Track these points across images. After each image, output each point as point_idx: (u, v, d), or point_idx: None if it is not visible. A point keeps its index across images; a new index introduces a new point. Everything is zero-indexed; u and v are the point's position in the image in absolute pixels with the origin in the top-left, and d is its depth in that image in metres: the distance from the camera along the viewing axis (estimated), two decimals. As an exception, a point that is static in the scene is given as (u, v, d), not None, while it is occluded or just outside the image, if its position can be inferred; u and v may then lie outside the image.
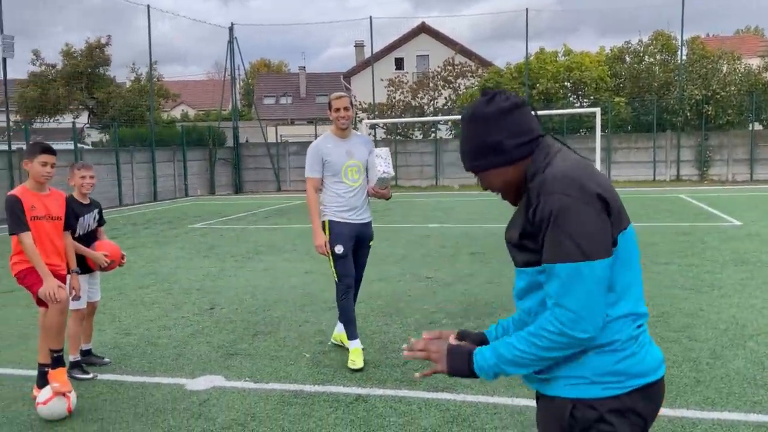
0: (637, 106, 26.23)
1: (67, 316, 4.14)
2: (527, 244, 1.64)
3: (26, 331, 5.94)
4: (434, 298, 6.78)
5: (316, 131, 28.09)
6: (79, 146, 20.77)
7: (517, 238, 1.66)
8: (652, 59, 27.72)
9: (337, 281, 4.79)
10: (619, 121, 25.91)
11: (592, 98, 26.69)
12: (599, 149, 14.61)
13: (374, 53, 31.19)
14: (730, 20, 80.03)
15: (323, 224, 4.78)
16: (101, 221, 4.99)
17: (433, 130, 27.91)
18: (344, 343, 4.98)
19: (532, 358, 1.60)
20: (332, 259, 4.75)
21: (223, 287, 7.68)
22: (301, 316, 6.23)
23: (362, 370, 4.61)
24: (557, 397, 1.64)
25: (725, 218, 12.67)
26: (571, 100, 27.96)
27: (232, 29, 27.70)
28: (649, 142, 25.04)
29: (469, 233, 11.67)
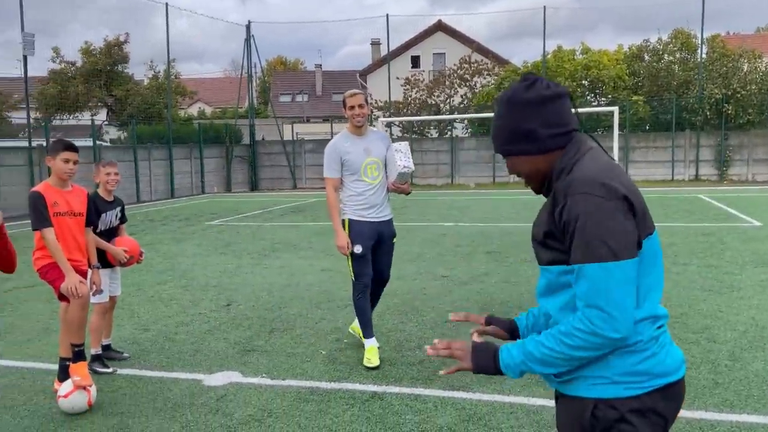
0: (655, 105, 25.97)
1: (88, 310, 4.20)
2: (551, 243, 1.64)
3: (47, 325, 6.04)
4: (450, 296, 6.78)
5: (332, 129, 28.17)
6: (97, 143, 20.99)
7: (542, 236, 1.66)
8: (671, 57, 27.43)
9: (353, 280, 4.79)
10: (637, 120, 25.67)
11: (609, 97, 26.48)
12: (617, 148, 14.54)
13: (390, 51, 31.17)
14: (750, 18, 79.29)
15: (342, 223, 4.77)
16: (123, 219, 5.06)
17: (449, 128, 27.86)
18: (361, 336, 4.98)
19: (561, 357, 1.58)
20: (350, 258, 4.74)
21: (239, 284, 7.73)
22: (317, 313, 6.26)
23: (378, 368, 4.62)
24: (578, 397, 1.64)
25: (745, 219, 12.51)
26: (588, 98, 27.75)
27: (249, 27, 27.83)
28: (667, 141, 24.78)
29: (484, 232, 11.64)
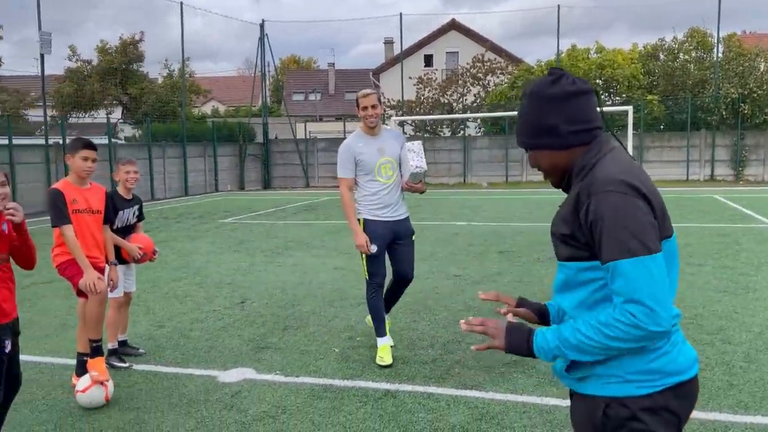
0: (670, 104, 25.77)
1: (105, 306, 4.26)
2: (571, 240, 1.64)
3: (64, 321, 6.12)
4: (462, 296, 6.79)
5: (344, 128, 28.22)
6: (112, 141, 21.18)
7: (562, 233, 1.67)
8: (687, 57, 27.18)
9: (367, 279, 4.81)
10: (651, 119, 25.48)
11: (624, 96, 26.30)
12: (631, 148, 14.44)
13: (403, 50, 31.17)
14: (767, 17, 78.05)
15: (357, 222, 4.79)
16: (141, 217, 5.12)
17: (461, 127, 27.81)
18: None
19: (598, 346, 1.56)
20: (364, 257, 4.75)
21: (253, 282, 7.79)
22: (330, 311, 6.29)
23: (391, 366, 4.65)
24: (591, 395, 1.66)
25: (761, 220, 12.40)
26: (602, 98, 27.58)
27: (263, 26, 27.95)
28: (682, 141, 24.59)
29: (497, 231, 11.63)
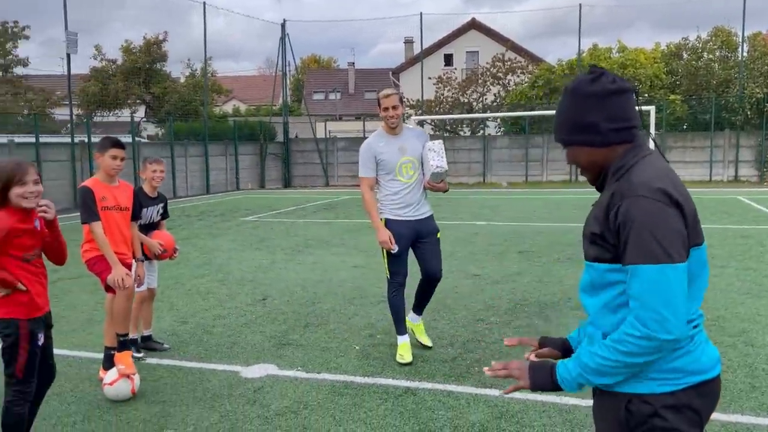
0: (694, 104, 25.45)
1: (132, 302, 4.36)
2: (600, 240, 1.67)
3: (91, 316, 6.25)
4: (482, 295, 6.80)
5: (364, 127, 28.29)
6: (136, 140, 21.48)
7: (591, 233, 1.70)
8: (711, 56, 26.83)
9: (388, 278, 4.84)
10: (673, 119, 25.18)
11: (646, 96, 26.02)
12: (652, 148, 14.28)
13: (424, 49, 31.14)
14: (795, 15, 76.58)
15: None
16: (165, 215, 5.22)
17: (481, 126, 27.73)
18: (414, 331, 5.11)
19: (616, 365, 1.60)
20: (386, 256, 4.79)
21: (274, 279, 7.88)
22: (350, 309, 6.35)
23: (411, 364, 4.69)
24: (613, 391, 1.69)
25: (786, 221, 12.22)
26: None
27: (284, 25, 28.12)
28: (706, 141, 24.27)
29: (517, 231, 11.60)
